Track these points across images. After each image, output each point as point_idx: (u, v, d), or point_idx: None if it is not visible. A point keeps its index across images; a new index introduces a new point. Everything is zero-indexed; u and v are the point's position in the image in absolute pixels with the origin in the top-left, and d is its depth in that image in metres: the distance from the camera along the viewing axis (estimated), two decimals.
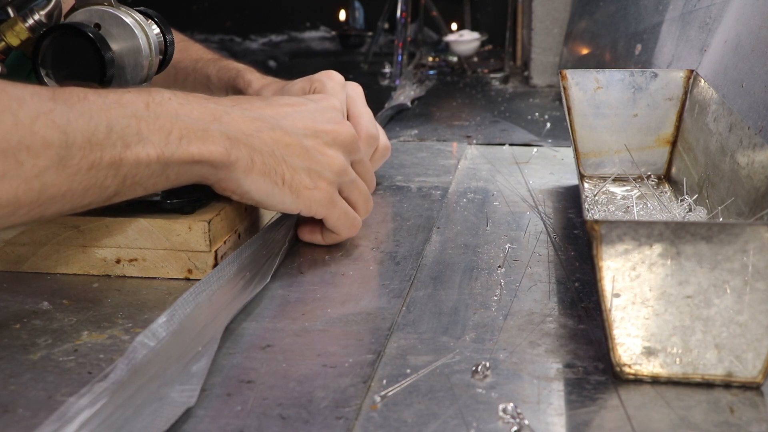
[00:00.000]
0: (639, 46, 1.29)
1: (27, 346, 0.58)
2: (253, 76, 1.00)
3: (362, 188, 0.76)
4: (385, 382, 0.54)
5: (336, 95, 0.86)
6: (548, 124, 1.33)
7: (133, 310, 0.64)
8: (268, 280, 0.69)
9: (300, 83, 0.91)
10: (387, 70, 2.08)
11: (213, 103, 0.67)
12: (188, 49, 1.11)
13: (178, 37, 1.08)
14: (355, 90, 0.92)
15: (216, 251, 0.69)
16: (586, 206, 0.80)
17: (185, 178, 0.64)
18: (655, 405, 0.51)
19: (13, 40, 0.77)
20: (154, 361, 0.52)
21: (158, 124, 0.61)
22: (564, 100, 0.95)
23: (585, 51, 1.60)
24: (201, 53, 1.10)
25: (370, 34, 2.70)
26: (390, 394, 0.53)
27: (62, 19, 0.78)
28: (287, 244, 0.75)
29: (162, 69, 0.80)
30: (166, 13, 0.84)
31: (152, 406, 0.49)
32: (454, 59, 2.14)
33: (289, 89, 0.91)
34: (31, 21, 0.77)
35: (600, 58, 1.49)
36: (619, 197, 0.89)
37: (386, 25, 2.50)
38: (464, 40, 2.06)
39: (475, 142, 1.21)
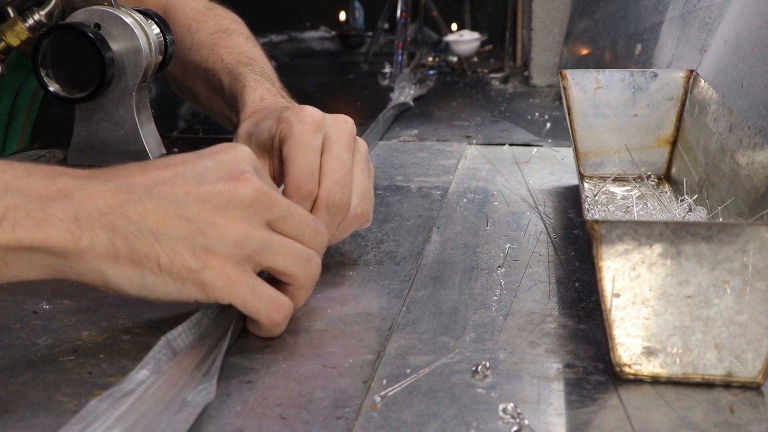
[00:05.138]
0: (639, 46, 1.29)
1: (27, 346, 0.58)
2: (251, 97, 0.83)
3: (289, 250, 0.58)
4: (385, 382, 0.54)
5: (304, 140, 0.68)
6: (548, 124, 1.33)
7: (133, 310, 0.64)
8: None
9: (268, 123, 0.72)
10: (387, 70, 2.08)
11: (67, 176, 0.53)
12: (216, 47, 0.95)
13: (216, 27, 0.98)
14: (339, 130, 0.70)
15: None
16: (586, 206, 0.80)
17: (25, 269, 0.52)
18: (655, 405, 0.51)
19: (13, 40, 0.77)
20: (175, 368, 0.52)
21: None
22: (564, 100, 0.95)
23: (585, 51, 1.60)
24: (224, 53, 0.93)
25: (370, 34, 2.70)
26: (390, 394, 0.53)
27: (62, 19, 0.78)
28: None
29: (162, 69, 0.80)
30: None
31: (172, 409, 0.49)
32: (454, 59, 2.14)
33: (259, 131, 0.73)
34: (31, 21, 0.77)
35: (600, 58, 1.48)
36: (619, 197, 0.89)
37: (386, 25, 2.50)
38: (464, 40, 2.06)
39: (475, 142, 1.21)
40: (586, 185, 0.93)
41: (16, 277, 0.52)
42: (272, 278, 0.59)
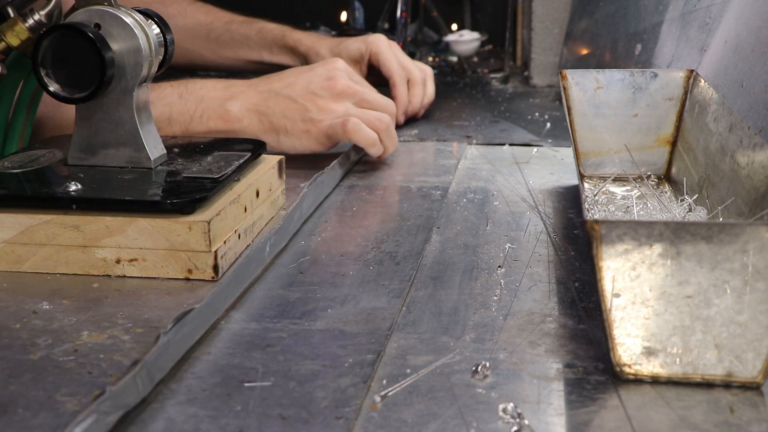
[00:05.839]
0: (639, 46, 1.29)
1: (27, 346, 0.58)
2: (299, 35, 1.31)
3: (366, 116, 0.99)
4: (385, 382, 0.54)
5: (389, 51, 1.23)
6: (548, 124, 1.33)
7: (133, 310, 0.64)
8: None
9: (356, 44, 1.24)
10: None
11: (235, 86, 0.99)
12: (212, 12, 1.35)
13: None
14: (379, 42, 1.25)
15: (216, 251, 0.69)
16: (586, 206, 0.80)
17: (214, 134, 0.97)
18: (655, 405, 0.51)
19: (13, 40, 0.77)
20: None
21: (186, 108, 0.97)
22: (564, 100, 0.95)
23: (585, 51, 1.60)
24: (229, 16, 1.34)
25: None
26: (390, 394, 0.53)
27: (62, 19, 0.78)
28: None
29: (162, 69, 0.80)
30: None
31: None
32: (454, 59, 2.14)
33: (346, 48, 1.25)
34: (31, 21, 0.77)
35: (600, 58, 1.48)
36: (619, 197, 0.89)
37: (386, 25, 2.50)
38: (464, 40, 2.06)
39: (475, 142, 1.21)
40: (586, 185, 0.93)
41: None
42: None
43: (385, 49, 1.23)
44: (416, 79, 1.24)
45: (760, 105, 0.81)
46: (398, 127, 1.33)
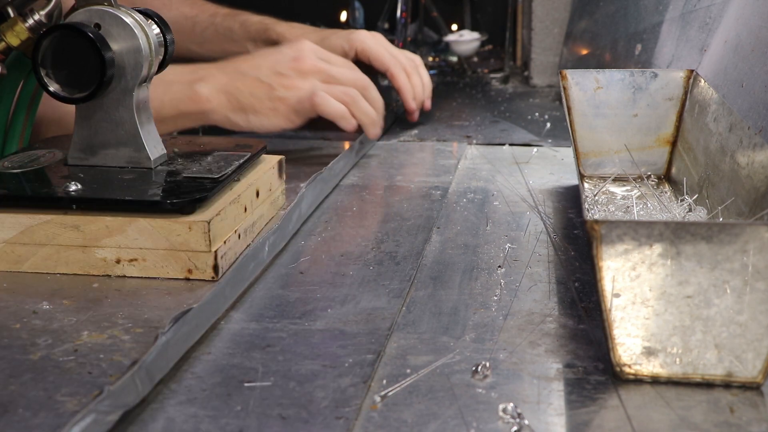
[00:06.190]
0: (639, 46, 1.29)
1: (27, 346, 0.58)
2: (281, 28, 1.28)
3: (332, 90, 1.02)
4: (385, 382, 0.54)
5: (379, 46, 1.22)
6: (548, 124, 1.33)
7: (133, 310, 0.64)
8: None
9: (338, 41, 1.21)
10: None
11: (203, 69, 1.03)
12: (197, 4, 1.35)
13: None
14: (370, 38, 1.25)
15: (216, 251, 0.69)
16: (586, 206, 0.80)
17: (186, 123, 1.02)
18: (655, 405, 0.51)
19: (13, 40, 0.77)
20: None
21: (155, 94, 0.89)
22: (564, 100, 0.95)
23: (585, 51, 1.60)
24: (214, 9, 1.34)
25: None
26: (390, 394, 0.53)
27: (62, 19, 0.78)
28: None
29: (162, 69, 0.80)
30: None
31: None
32: (454, 59, 2.14)
33: (329, 45, 1.20)
34: (31, 21, 0.77)
35: (600, 58, 1.48)
36: (619, 197, 0.89)
37: (386, 25, 2.50)
38: (464, 40, 2.05)
39: (475, 142, 1.21)
40: (586, 185, 0.93)
41: (182, 127, 1.02)
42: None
43: (373, 44, 1.22)
44: (410, 69, 1.24)
45: (760, 105, 0.81)
46: (397, 127, 1.33)
